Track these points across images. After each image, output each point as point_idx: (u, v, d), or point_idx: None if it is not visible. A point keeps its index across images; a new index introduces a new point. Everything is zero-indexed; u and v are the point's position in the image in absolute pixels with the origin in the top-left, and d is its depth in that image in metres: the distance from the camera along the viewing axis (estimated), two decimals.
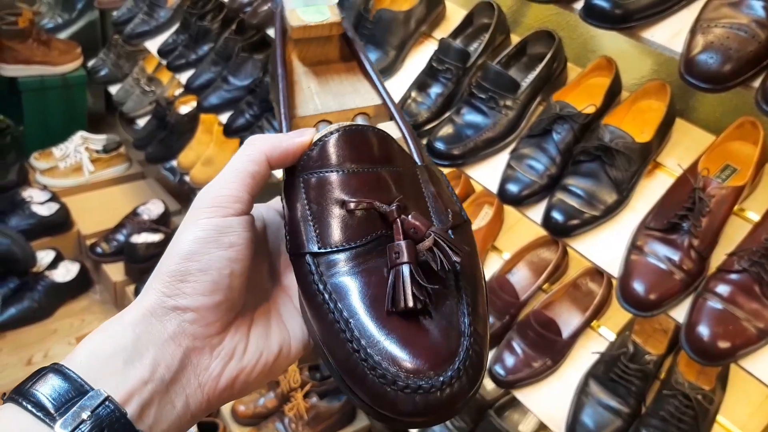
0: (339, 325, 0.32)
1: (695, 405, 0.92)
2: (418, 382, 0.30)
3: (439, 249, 0.33)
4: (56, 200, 2.00)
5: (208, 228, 0.34)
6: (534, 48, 1.15)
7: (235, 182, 0.36)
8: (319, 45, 0.47)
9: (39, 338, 1.76)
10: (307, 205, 0.37)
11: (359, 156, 0.37)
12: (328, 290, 0.34)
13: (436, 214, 0.37)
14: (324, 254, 0.35)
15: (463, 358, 0.31)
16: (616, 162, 0.93)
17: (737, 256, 0.82)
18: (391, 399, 0.30)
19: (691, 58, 0.78)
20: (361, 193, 0.36)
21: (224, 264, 0.34)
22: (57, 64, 2.24)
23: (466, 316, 0.33)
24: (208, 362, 0.34)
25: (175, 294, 0.33)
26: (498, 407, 1.23)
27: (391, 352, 0.31)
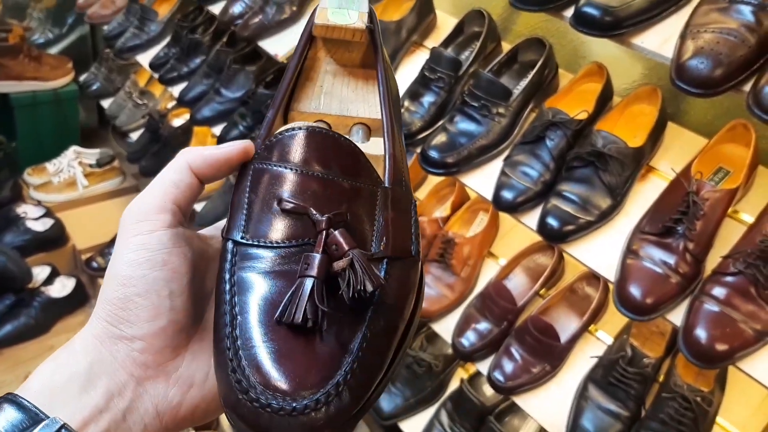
0: (225, 317, 0.31)
1: (694, 407, 0.92)
2: (269, 399, 0.29)
3: (354, 273, 0.31)
4: (51, 215, 1.99)
5: (138, 248, 0.33)
6: (525, 55, 1.16)
7: (159, 193, 0.35)
8: (343, 49, 0.47)
9: (36, 354, 1.75)
10: (247, 193, 0.36)
11: (316, 160, 0.36)
12: (233, 281, 0.33)
13: (379, 239, 0.35)
14: (244, 245, 0.34)
15: (326, 392, 0.29)
16: (610, 167, 0.94)
17: (732, 259, 0.83)
18: (239, 406, 0.29)
19: (682, 63, 0.79)
20: (303, 196, 0.35)
21: (161, 285, 0.33)
22: (48, 79, 2.23)
23: (355, 352, 0.31)
24: (164, 390, 0.33)
25: (118, 323, 0.32)
26: (498, 413, 1.23)
27: (259, 360, 0.30)
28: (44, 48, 2.40)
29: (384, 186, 0.38)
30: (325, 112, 0.45)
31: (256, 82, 1.59)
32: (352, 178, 0.37)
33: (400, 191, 0.39)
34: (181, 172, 0.36)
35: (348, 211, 0.35)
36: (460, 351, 1.12)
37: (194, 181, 0.36)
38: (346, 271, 0.31)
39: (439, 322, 1.18)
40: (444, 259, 1.19)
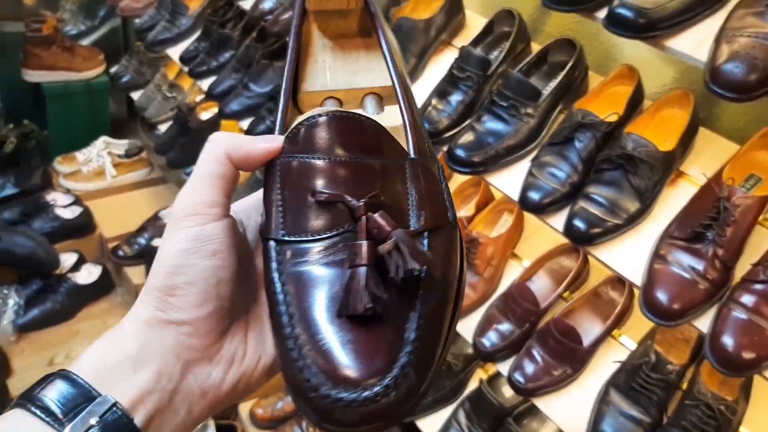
0: (283, 318, 0.32)
1: (718, 416, 0.91)
2: (340, 393, 0.29)
3: (399, 253, 0.31)
4: (79, 204, 2.03)
5: (189, 239, 0.34)
6: (555, 56, 1.15)
7: (207, 186, 0.35)
8: (338, 18, 0.45)
9: (61, 339, 1.79)
10: (279, 189, 0.35)
11: (341, 145, 0.36)
12: (283, 280, 0.33)
13: (417, 213, 0.35)
14: (287, 242, 0.34)
15: (394, 376, 0.29)
16: (639, 170, 0.93)
17: (762, 266, 0.82)
18: (312, 404, 0.29)
19: (717, 67, 0.78)
20: (335, 184, 0.34)
21: (210, 274, 0.34)
22: (80, 70, 2.28)
23: (413, 330, 0.31)
24: (208, 371, 0.34)
25: (167, 308, 0.33)
26: (516, 415, 1.22)
27: (324, 356, 0.30)
28: (76, 39, 2.44)
29: (410, 158, 0.37)
30: (334, 87, 0.43)
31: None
32: (380, 157, 0.36)
33: (426, 160, 0.38)
34: (223, 164, 0.36)
35: (381, 191, 0.35)
36: (480, 351, 1.12)
37: (235, 171, 0.37)
38: (391, 254, 0.31)
39: (461, 321, 1.18)
40: (467, 259, 1.19)
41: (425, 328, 0.31)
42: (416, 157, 0.38)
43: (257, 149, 0.36)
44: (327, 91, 0.43)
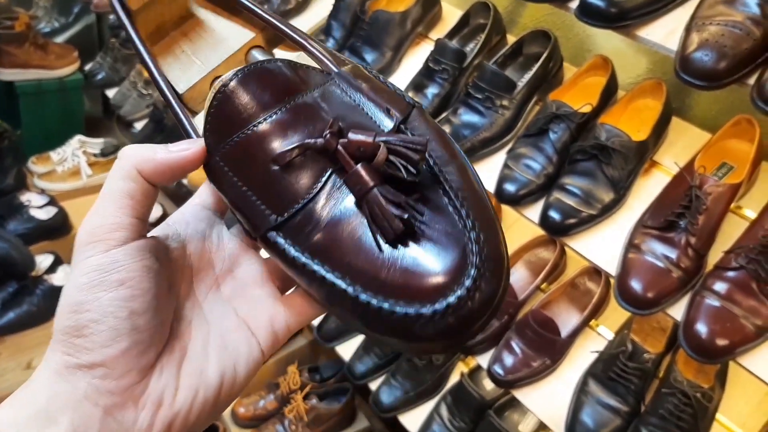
0: (339, 285, 0.29)
1: (694, 403, 0.92)
2: (444, 303, 0.27)
3: (398, 154, 0.29)
4: (54, 204, 2.00)
5: (90, 270, 0.30)
6: (530, 48, 1.15)
7: (111, 207, 0.31)
8: (163, 5, 0.41)
9: (38, 342, 1.76)
10: (238, 181, 0.32)
11: (264, 100, 0.33)
12: (309, 254, 0.30)
13: (379, 113, 0.33)
14: (285, 222, 0.31)
15: (476, 253, 0.28)
16: (613, 161, 0.93)
17: (734, 254, 0.82)
18: (425, 333, 0.27)
19: (687, 55, 0.78)
20: (287, 139, 0.32)
21: (118, 306, 0.30)
22: (54, 68, 2.24)
23: (459, 208, 0.29)
24: (134, 416, 0.30)
25: (75, 351, 0.29)
26: (498, 407, 1.23)
27: (402, 287, 0.28)
28: (50, 37, 2.40)
29: (337, 72, 0.35)
30: (210, 68, 0.40)
31: None
32: (307, 89, 0.34)
33: (352, 67, 0.36)
34: (132, 180, 0.32)
35: (334, 117, 0.32)
36: None
37: (148, 188, 0.32)
38: (389, 159, 0.29)
39: None
40: None
41: (466, 197, 0.30)
42: (338, 70, 0.35)
43: (173, 157, 0.32)
44: (207, 75, 0.40)
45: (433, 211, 0.30)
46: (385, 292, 0.28)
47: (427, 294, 0.27)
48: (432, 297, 0.27)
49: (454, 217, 0.29)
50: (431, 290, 0.27)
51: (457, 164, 0.31)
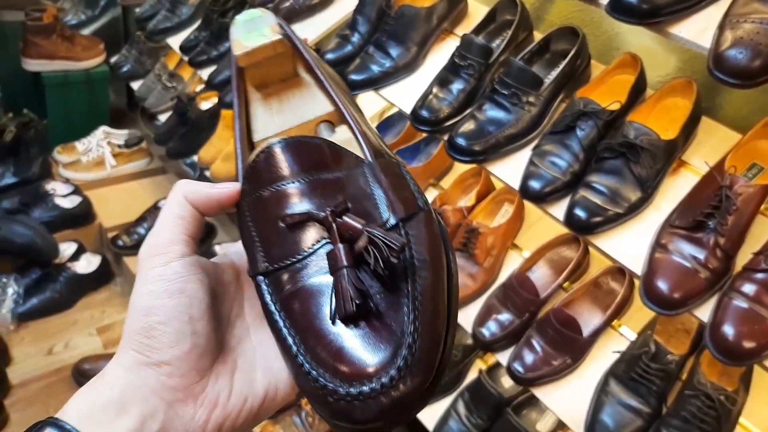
0: (288, 339, 0.33)
1: (717, 406, 0.91)
2: (358, 388, 0.30)
3: (375, 247, 0.32)
4: (79, 193, 2.03)
5: (155, 279, 0.35)
6: (557, 44, 1.14)
7: (166, 227, 0.37)
8: (272, 65, 0.47)
9: (60, 329, 1.79)
10: (252, 228, 0.37)
11: (296, 168, 0.37)
12: (279, 306, 0.34)
13: (387, 207, 0.36)
14: (272, 272, 0.35)
15: (403, 357, 0.30)
16: (641, 159, 0.92)
17: (764, 255, 0.81)
18: (334, 408, 0.30)
19: (720, 53, 0.77)
20: (300, 206, 0.36)
21: (181, 311, 0.34)
22: (80, 59, 2.27)
23: (410, 311, 0.32)
24: (192, 411, 0.34)
25: (145, 350, 0.34)
26: (516, 405, 1.22)
27: (332, 362, 0.31)
28: (77, 29, 2.43)
29: (368, 162, 0.39)
30: (284, 128, 0.45)
31: None
32: (336, 169, 0.38)
33: (384, 161, 0.39)
34: (181, 206, 0.38)
35: (346, 199, 0.36)
36: (480, 341, 1.11)
37: (195, 213, 0.38)
38: (368, 248, 0.32)
39: (460, 311, 1.18)
40: (467, 249, 1.18)
41: (422, 309, 0.32)
42: (371, 161, 0.39)
43: (213, 192, 0.38)
44: (279, 133, 0.45)
45: (389, 307, 0.32)
46: (318, 360, 0.31)
47: (347, 376, 0.30)
48: (350, 380, 0.30)
49: (403, 318, 0.32)
50: (353, 374, 0.30)
51: (434, 273, 0.34)
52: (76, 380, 1.63)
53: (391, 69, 1.22)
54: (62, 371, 1.67)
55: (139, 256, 0.37)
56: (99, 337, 1.77)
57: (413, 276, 0.33)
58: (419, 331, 0.31)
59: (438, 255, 0.35)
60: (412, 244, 0.34)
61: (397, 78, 1.23)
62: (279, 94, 0.48)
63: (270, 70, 0.47)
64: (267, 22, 0.46)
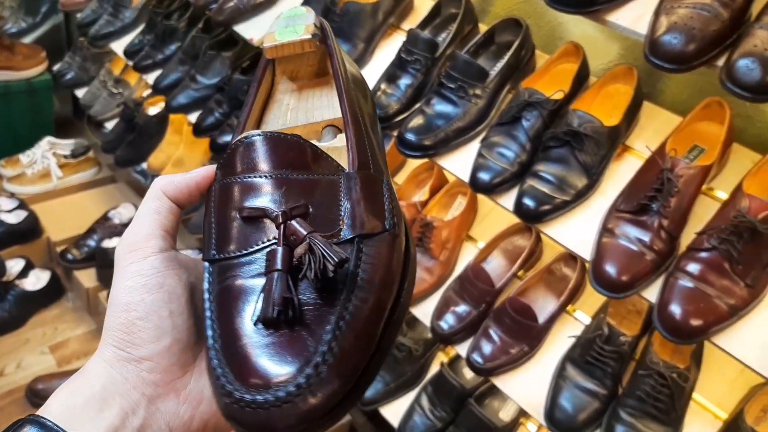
0: (209, 331, 0.33)
1: (670, 383, 0.93)
2: (254, 396, 0.29)
3: (313, 255, 0.31)
4: (24, 207, 1.96)
5: (133, 275, 0.35)
6: (502, 36, 1.15)
7: (144, 222, 0.37)
8: (298, 62, 0.48)
9: (11, 349, 1.72)
10: (213, 212, 0.37)
11: (268, 163, 0.37)
12: (211, 299, 0.34)
13: (348, 221, 0.35)
14: (217, 261, 0.35)
15: (306, 375, 0.29)
16: (585, 146, 0.93)
17: (707, 235, 0.83)
18: (231, 411, 0.30)
19: (655, 39, 0.78)
20: (260, 200, 0.35)
21: (160, 306, 0.34)
22: (21, 68, 2.19)
23: (330, 331, 0.31)
24: (175, 407, 0.34)
25: (125, 346, 0.34)
26: (478, 395, 1.23)
27: (239, 362, 0.30)
28: (17, 37, 2.35)
29: (346, 172, 0.38)
30: (292, 125, 0.45)
31: (232, 68, 1.57)
32: (309, 172, 0.37)
33: (365, 174, 0.38)
34: (158, 199, 0.38)
35: (309, 203, 0.35)
36: (439, 334, 1.11)
37: (172, 206, 0.38)
38: (306, 256, 0.32)
39: (419, 306, 1.18)
40: (422, 243, 1.18)
41: (346, 330, 0.31)
42: (351, 172, 0.38)
43: (186, 178, 0.39)
44: (285, 129, 0.45)
45: (314, 320, 0.31)
46: (227, 359, 0.31)
47: (247, 381, 0.30)
48: (248, 386, 0.30)
49: (322, 335, 0.31)
50: (253, 380, 0.30)
51: (375, 297, 0.33)
52: (30, 401, 1.57)
53: None
54: (15, 393, 1.61)
55: (117, 253, 0.36)
56: (52, 355, 1.71)
57: (349, 295, 0.32)
58: (334, 352, 0.30)
59: (388, 280, 0.34)
60: (361, 262, 0.33)
61: None
62: (298, 91, 0.48)
63: (296, 66, 0.48)
64: (306, 21, 0.46)
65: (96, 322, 1.81)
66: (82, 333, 1.78)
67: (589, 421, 0.98)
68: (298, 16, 0.47)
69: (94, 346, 1.75)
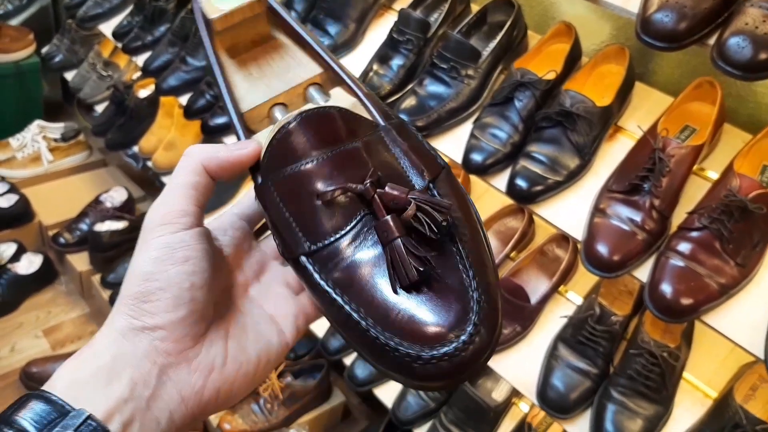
0: (353, 314, 0.33)
1: (661, 362, 0.93)
2: (441, 350, 0.30)
3: (424, 213, 0.33)
4: (15, 191, 1.94)
5: (160, 247, 0.35)
6: (494, 16, 1.14)
7: (178, 197, 0.36)
8: (247, 28, 0.45)
9: (4, 333, 1.72)
10: (283, 207, 0.36)
11: (319, 142, 0.37)
12: (332, 283, 0.34)
13: (414, 171, 0.37)
14: (316, 251, 0.35)
15: (476, 312, 0.31)
16: (578, 127, 0.93)
17: (697, 214, 0.83)
18: (422, 373, 0.31)
19: (647, 17, 0.78)
20: (332, 179, 0.35)
21: (183, 278, 0.34)
22: (9, 51, 2.16)
23: (468, 268, 0.33)
24: (187, 376, 0.34)
25: (140, 315, 0.34)
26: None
27: (408, 329, 0.31)
28: (4, 20, 2.31)
29: (382, 125, 0.39)
30: (273, 95, 0.44)
31: None
32: (357, 137, 0.38)
33: (395, 123, 0.39)
34: (197, 174, 0.37)
35: (375, 167, 0.36)
36: None
37: (210, 182, 0.38)
38: (418, 215, 0.33)
39: None
40: None
41: (475, 265, 0.33)
42: (385, 124, 0.39)
43: (234, 155, 0.38)
44: (269, 100, 0.43)
45: (444, 267, 0.33)
46: (392, 331, 0.32)
47: (428, 339, 0.31)
48: (432, 343, 0.31)
49: (462, 275, 0.33)
50: (432, 337, 0.31)
51: (471, 227, 0.35)
52: (25, 384, 1.57)
53: (330, 47, 1.20)
54: (9, 376, 1.61)
55: (146, 223, 0.36)
56: (46, 339, 1.71)
57: (458, 234, 0.34)
58: (480, 286, 0.32)
59: (468, 209, 0.36)
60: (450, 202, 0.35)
61: (336, 56, 1.21)
62: (257, 59, 0.46)
63: (243, 33, 0.45)
64: None
65: (89, 305, 1.81)
66: (76, 316, 1.78)
67: (581, 400, 0.98)
68: None
69: (88, 329, 1.75)
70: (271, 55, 0.46)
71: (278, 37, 0.47)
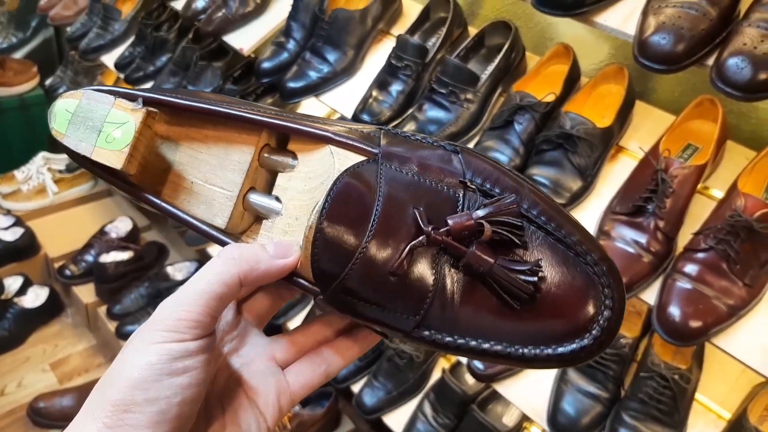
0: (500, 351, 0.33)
1: (673, 385, 0.92)
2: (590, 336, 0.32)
3: (500, 224, 0.32)
4: (21, 224, 1.95)
5: (160, 353, 0.31)
6: (492, 39, 1.15)
7: (199, 305, 0.33)
8: (155, 154, 0.39)
9: (12, 367, 1.71)
10: (366, 303, 0.34)
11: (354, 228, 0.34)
12: (459, 335, 0.34)
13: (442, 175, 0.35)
14: (423, 319, 0.34)
15: (605, 285, 0.32)
16: (579, 149, 0.93)
17: (703, 235, 0.82)
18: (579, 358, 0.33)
19: (644, 39, 0.78)
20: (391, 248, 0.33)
21: (175, 392, 0.31)
22: (13, 84, 2.19)
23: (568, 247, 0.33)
24: None
25: (117, 425, 0.30)
26: (480, 401, 1.22)
27: (547, 337, 0.32)
28: (8, 53, 2.34)
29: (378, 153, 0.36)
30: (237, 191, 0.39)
31: (223, 78, 1.56)
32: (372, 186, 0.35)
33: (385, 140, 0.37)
34: (229, 287, 0.33)
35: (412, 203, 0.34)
36: None
37: (238, 293, 0.35)
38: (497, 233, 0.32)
39: None
40: None
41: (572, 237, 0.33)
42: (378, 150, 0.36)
43: (277, 266, 0.35)
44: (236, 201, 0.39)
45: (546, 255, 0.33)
46: (538, 342, 0.32)
47: (575, 332, 0.32)
48: (582, 332, 0.32)
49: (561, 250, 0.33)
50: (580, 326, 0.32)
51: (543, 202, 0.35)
52: (32, 420, 1.56)
53: (330, 74, 1.21)
54: (16, 412, 1.60)
55: (153, 319, 0.32)
56: (53, 373, 1.71)
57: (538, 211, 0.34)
58: (593, 257, 0.33)
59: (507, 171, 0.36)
60: None
61: (336, 83, 1.22)
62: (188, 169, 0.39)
63: (156, 155, 0.39)
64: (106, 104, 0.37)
65: (96, 337, 1.80)
66: (82, 349, 1.78)
67: (593, 425, 0.97)
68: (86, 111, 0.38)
69: (95, 361, 1.75)
70: (199, 152, 0.39)
71: (192, 129, 0.40)
